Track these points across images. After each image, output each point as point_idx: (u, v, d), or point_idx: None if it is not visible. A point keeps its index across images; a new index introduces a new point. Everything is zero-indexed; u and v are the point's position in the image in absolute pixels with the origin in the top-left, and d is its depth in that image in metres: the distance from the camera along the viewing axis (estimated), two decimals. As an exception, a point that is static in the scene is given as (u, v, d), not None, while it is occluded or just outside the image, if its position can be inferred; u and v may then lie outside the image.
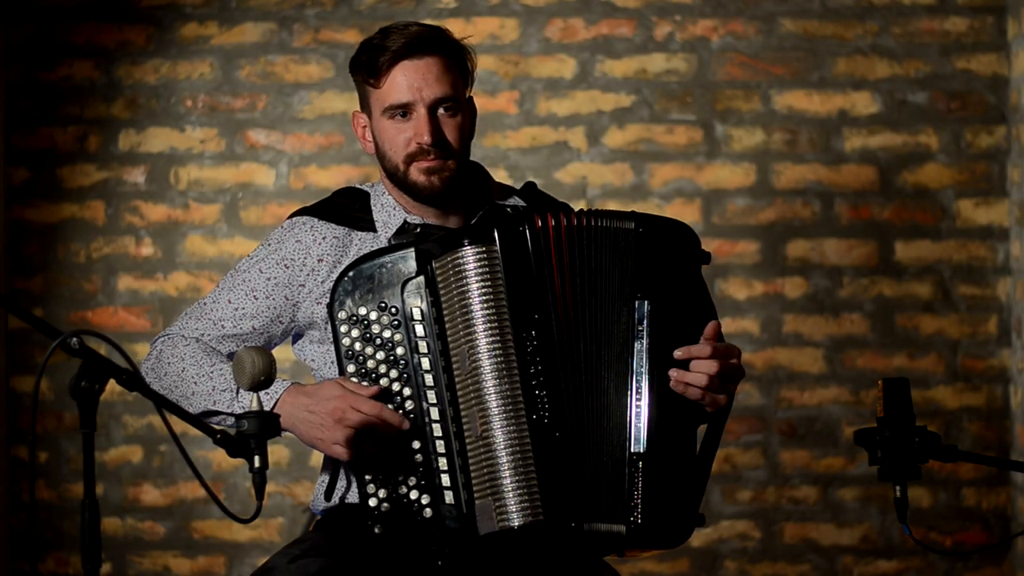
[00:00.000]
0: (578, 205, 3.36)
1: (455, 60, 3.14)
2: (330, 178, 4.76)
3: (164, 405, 2.73)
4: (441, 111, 3.11)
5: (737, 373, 3.03)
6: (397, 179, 3.15)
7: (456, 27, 4.73)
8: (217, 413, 3.06)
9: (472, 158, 3.20)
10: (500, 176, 4.70)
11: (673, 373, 2.99)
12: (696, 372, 2.99)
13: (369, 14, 4.77)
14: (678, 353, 3.00)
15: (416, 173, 3.12)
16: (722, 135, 4.78)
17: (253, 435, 2.75)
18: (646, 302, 3.00)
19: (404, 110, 3.11)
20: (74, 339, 2.56)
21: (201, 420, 2.84)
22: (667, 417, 2.99)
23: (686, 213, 4.72)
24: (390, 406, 3.00)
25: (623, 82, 4.78)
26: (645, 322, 2.99)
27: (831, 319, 4.77)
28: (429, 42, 3.11)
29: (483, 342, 2.96)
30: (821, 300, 4.77)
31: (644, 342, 2.99)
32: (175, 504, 4.79)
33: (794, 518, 4.77)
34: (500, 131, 4.76)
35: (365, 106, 3.19)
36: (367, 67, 3.13)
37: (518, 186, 3.34)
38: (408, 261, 3.02)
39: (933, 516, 4.75)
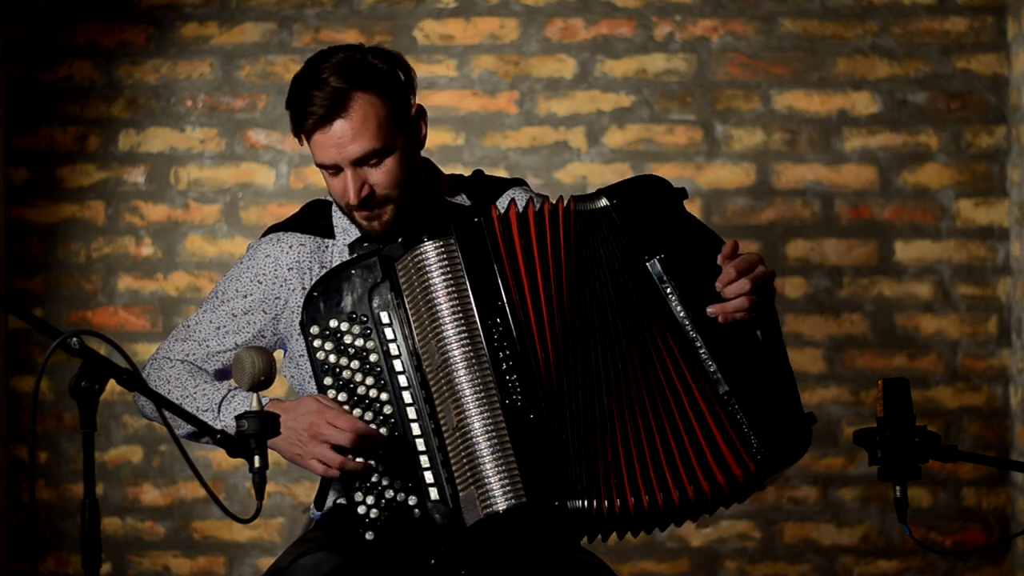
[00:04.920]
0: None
1: (380, 93, 3.12)
2: (330, 178, 4.76)
3: (164, 405, 2.74)
4: (366, 166, 3.13)
5: (767, 278, 3.03)
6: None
7: (456, 27, 4.74)
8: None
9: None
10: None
11: (713, 310, 3.00)
12: (734, 299, 2.99)
13: (369, 14, 4.76)
14: (717, 286, 3.01)
15: (359, 219, 3.19)
16: (722, 135, 4.78)
17: (253, 435, 2.76)
18: (656, 260, 3.02)
19: (331, 169, 3.14)
20: (74, 339, 2.56)
21: (199, 420, 2.85)
22: (733, 347, 3.01)
23: (686, 213, 4.72)
24: (369, 414, 3.03)
25: (623, 82, 4.78)
26: (666, 277, 3.01)
27: (831, 319, 4.77)
28: (342, 98, 3.08)
29: (450, 333, 2.98)
30: (821, 300, 4.77)
31: (676, 294, 3.01)
32: (175, 504, 4.79)
33: (794, 518, 4.77)
34: (500, 131, 4.76)
35: None
36: (293, 124, 3.15)
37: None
38: (373, 269, 3.07)
39: (933, 516, 4.75)
